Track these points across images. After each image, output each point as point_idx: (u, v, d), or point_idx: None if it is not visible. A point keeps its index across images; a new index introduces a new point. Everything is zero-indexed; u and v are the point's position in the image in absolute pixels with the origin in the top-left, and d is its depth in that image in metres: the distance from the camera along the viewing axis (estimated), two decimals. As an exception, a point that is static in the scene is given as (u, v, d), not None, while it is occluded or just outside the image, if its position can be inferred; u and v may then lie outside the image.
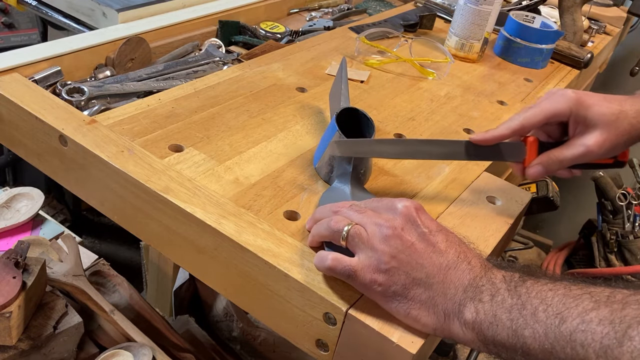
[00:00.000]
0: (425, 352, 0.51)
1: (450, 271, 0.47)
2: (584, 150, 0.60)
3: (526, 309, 0.43)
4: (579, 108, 0.59)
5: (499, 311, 0.44)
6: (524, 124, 0.60)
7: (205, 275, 0.60)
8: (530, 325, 0.42)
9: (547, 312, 0.42)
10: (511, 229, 0.64)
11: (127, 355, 0.67)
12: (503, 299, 0.44)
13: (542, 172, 0.62)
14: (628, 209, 1.14)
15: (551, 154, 0.61)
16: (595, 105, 0.59)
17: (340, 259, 0.48)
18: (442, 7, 1.24)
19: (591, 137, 0.59)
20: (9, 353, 0.62)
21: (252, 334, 0.93)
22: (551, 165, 0.61)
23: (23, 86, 0.70)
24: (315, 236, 0.53)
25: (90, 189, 0.66)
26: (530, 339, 0.42)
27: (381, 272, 0.47)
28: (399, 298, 0.47)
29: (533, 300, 0.43)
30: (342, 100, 0.68)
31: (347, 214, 0.51)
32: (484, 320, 0.44)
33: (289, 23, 1.13)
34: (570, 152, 0.60)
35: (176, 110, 0.72)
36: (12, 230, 0.80)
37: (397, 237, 0.47)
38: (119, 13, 0.92)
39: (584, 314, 0.41)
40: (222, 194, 0.59)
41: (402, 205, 0.49)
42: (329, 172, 0.63)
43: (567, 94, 0.60)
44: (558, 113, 0.60)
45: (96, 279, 0.80)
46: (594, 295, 0.42)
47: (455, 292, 0.46)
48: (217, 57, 0.91)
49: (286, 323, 0.54)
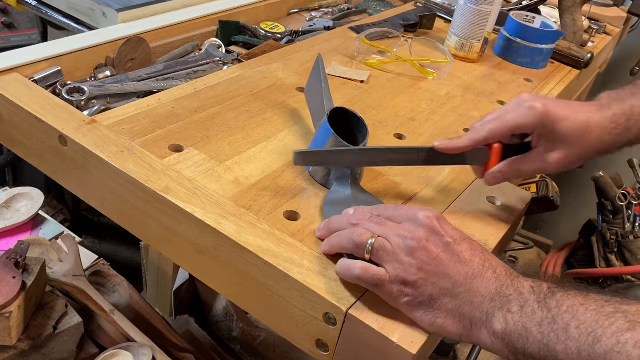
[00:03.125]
0: (425, 352, 0.51)
1: (476, 280, 0.47)
2: (543, 166, 0.59)
3: (557, 324, 0.43)
4: (545, 122, 0.58)
5: (529, 323, 0.44)
6: (488, 137, 0.59)
7: (205, 275, 0.60)
8: (563, 341, 0.42)
9: (580, 329, 0.42)
10: (511, 229, 0.64)
11: (127, 355, 0.67)
12: (533, 310, 0.44)
13: (501, 179, 0.61)
14: (628, 209, 1.14)
15: (512, 164, 0.60)
16: (563, 121, 0.58)
17: (368, 268, 0.48)
18: (442, 7, 1.24)
19: (554, 154, 0.59)
20: (9, 353, 0.62)
21: (252, 334, 0.93)
22: (510, 175, 0.61)
23: (23, 86, 0.70)
24: (335, 247, 0.53)
25: (90, 189, 0.66)
26: (562, 355, 0.42)
27: (408, 284, 0.47)
28: (425, 308, 0.47)
29: (564, 315, 0.43)
30: (325, 99, 0.67)
31: (367, 226, 0.51)
32: (514, 332, 0.44)
33: (289, 23, 1.13)
34: (529, 166, 0.60)
35: (176, 110, 0.72)
36: (12, 230, 0.80)
37: (423, 249, 0.47)
38: (119, 13, 0.92)
39: (618, 335, 0.40)
40: (222, 194, 0.59)
41: (424, 215, 0.49)
42: (326, 175, 0.63)
43: (536, 107, 0.58)
44: (524, 126, 0.59)
45: (96, 279, 0.80)
46: (627, 315, 0.41)
47: (482, 300, 0.46)
48: (217, 57, 0.91)
49: (286, 323, 0.54)
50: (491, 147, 0.60)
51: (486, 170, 0.61)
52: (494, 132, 0.59)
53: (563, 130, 0.58)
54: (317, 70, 0.72)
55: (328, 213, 0.58)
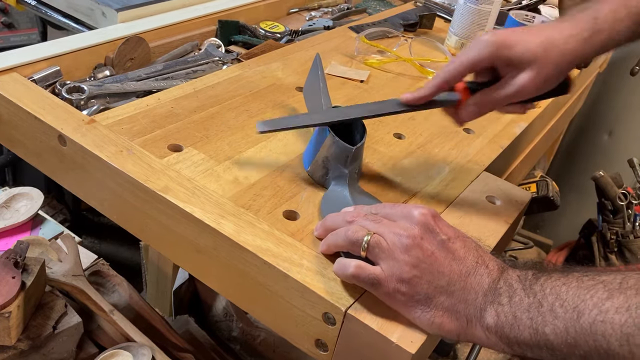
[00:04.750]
0: (425, 352, 0.51)
1: (470, 277, 0.47)
2: (516, 89, 0.57)
3: (543, 307, 0.43)
4: (501, 50, 0.57)
5: (518, 312, 0.44)
6: (447, 78, 0.59)
7: (205, 275, 0.60)
8: (550, 322, 0.43)
9: (564, 307, 0.42)
10: (511, 229, 0.64)
11: (126, 355, 0.67)
12: (520, 299, 0.45)
13: (476, 112, 0.60)
14: (628, 208, 1.14)
15: (484, 93, 0.59)
16: (519, 44, 0.56)
17: (364, 267, 0.48)
18: (442, 6, 1.24)
19: (522, 75, 0.56)
20: (8, 353, 0.62)
21: (251, 334, 0.93)
22: (485, 105, 0.59)
23: (22, 86, 0.70)
24: (331, 246, 0.53)
25: (89, 188, 0.66)
26: (552, 336, 0.43)
27: (404, 282, 0.47)
28: (422, 307, 0.47)
29: (548, 297, 0.44)
30: (322, 98, 0.67)
31: (363, 223, 0.51)
32: (505, 323, 0.45)
33: (288, 22, 1.13)
34: (503, 91, 0.58)
35: (175, 110, 0.72)
36: (12, 230, 0.79)
37: (417, 246, 0.47)
38: (119, 13, 0.92)
39: (600, 305, 0.41)
40: (221, 193, 0.59)
41: (419, 212, 0.49)
42: (324, 175, 0.63)
43: (486, 39, 0.57)
44: (479, 60, 0.58)
45: (95, 279, 0.80)
46: (606, 284, 0.42)
47: (476, 297, 0.46)
48: (217, 56, 0.91)
49: (285, 323, 0.54)
50: (456, 89, 0.60)
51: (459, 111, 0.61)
52: (451, 72, 0.59)
53: (522, 52, 0.56)
54: (315, 69, 0.72)
55: (325, 212, 0.58)
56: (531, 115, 0.87)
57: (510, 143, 0.80)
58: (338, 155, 0.61)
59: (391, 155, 0.71)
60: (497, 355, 1.07)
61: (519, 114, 0.63)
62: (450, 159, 0.73)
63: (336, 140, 0.60)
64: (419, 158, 0.72)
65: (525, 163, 0.98)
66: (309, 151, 0.65)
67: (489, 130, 0.81)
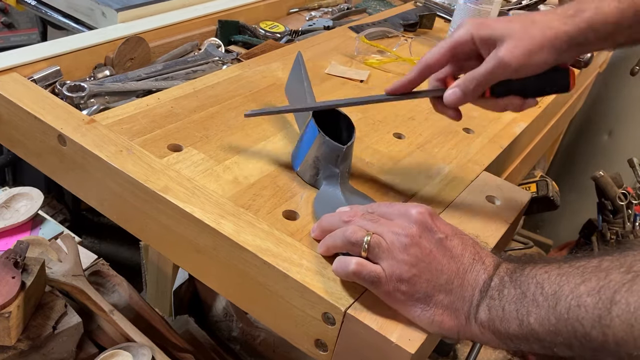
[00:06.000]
0: (424, 352, 0.51)
1: (467, 274, 0.47)
2: (496, 62, 0.55)
3: (527, 297, 0.44)
4: (481, 30, 0.56)
5: (507, 304, 0.45)
6: (429, 62, 0.58)
7: (205, 275, 0.60)
8: (533, 312, 0.43)
9: (544, 294, 0.43)
10: (510, 229, 0.64)
11: (126, 355, 0.67)
12: (509, 291, 0.45)
13: (459, 95, 0.58)
14: (628, 208, 1.14)
15: (466, 75, 0.58)
16: (498, 22, 0.56)
17: (365, 264, 0.48)
18: (442, 6, 1.24)
19: (501, 48, 0.55)
20: (8, 353, 0.62)
21: (251, 334, 0.93)
22: (468, 86, 0.57)
23: (22, 86, 0.70)
24: (330, 248, 0.53)
25: (89, 188, 0.66)
26: (536, 325, 0.43)
27: (404, 281, 0.47)
28: (422, 306, 0.47)
29: (530, 287, 0.44)
30: (307, 97, 0.67)
31: (361, 223, 0.50)
32: (496, 317, 0.45)
33: (288, 22, 1.13)
34: (483, 67, 0.56)
35: (175, 109, 0.72)
36: (12, 230, 0.79)
37: (416, 245, 0.47)
38: (118, 13, 0.92)
39: (575, 289, 0.41)
40: (221, 193, 0.59)
41: (416, 211, 0.49)
42: (315, 175, 0.63)
43: (467, 21, 0.57)
44: (460, 42, 0.57)
45: (95, 279, 0.80)
46: (583, 269, 0.42)
47: (472, 293, 0.47)
48: (217, 56, 0.91)
49: (285, 323, 0.54)
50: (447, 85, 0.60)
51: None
52: (433, 55, 0.58)
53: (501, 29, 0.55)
54: (297, 68, 0.71)
55: (319, 213, 0.57)
56: (531, 115, 0.87)
57: (510, 143, 0.80)
58: (328, 154, 0.61)
59: (391, 155, 0.71)
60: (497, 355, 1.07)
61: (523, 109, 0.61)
62: (450, 158, 0.73)
63: (326, 140, 0.60)
64: (418, 158, 0.72)
65: (525, 163, 0.98)
66: (296, 152, 0.65)
67: (489, 130, 0.81)
